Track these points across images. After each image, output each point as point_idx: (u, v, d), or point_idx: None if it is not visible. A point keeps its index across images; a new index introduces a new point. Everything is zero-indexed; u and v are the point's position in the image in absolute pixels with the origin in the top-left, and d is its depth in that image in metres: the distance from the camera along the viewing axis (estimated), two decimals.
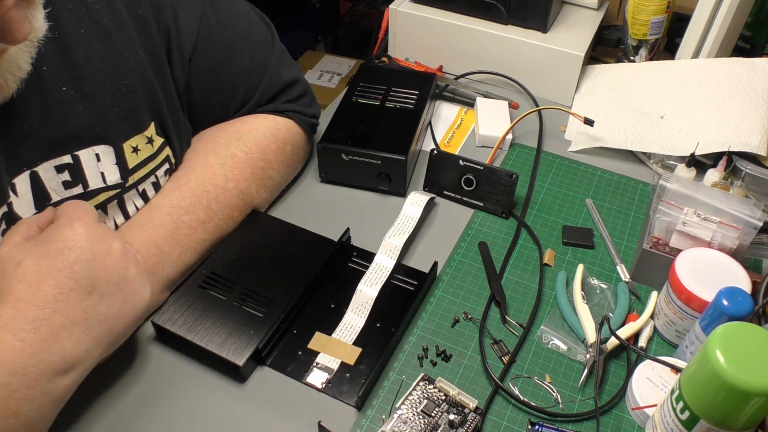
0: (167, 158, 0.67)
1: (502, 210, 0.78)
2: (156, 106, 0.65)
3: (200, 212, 0.66)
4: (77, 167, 0.58)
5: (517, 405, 0.59)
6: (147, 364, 0.61)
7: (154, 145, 0.65)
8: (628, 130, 0.88)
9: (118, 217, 0.63)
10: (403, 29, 1.02)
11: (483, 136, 0.89)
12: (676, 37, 0.97)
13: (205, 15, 0.69)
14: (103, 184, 0.61)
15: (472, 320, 0.66)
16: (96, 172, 0.60)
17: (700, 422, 0.49)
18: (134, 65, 0.62)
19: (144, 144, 0.64)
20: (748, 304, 0.55)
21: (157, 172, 0.66)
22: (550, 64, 0.95)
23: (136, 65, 0.62)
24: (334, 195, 0.81)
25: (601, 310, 0.67)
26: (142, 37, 0.63)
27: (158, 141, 0.65)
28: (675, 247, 0.67)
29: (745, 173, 0.77)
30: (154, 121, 0.65)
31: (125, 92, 0.61)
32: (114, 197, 0.62)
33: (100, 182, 0.60)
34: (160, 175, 0.67)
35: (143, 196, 0.65)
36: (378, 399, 0.59)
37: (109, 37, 0.59)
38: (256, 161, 0.71)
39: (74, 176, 0.58)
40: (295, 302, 0.63)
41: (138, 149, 0.63)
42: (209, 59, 0.70)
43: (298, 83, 0.78)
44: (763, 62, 0.88)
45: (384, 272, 0.68)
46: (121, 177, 0.62)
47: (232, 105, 0.74)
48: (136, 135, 0.63)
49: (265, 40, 0.76)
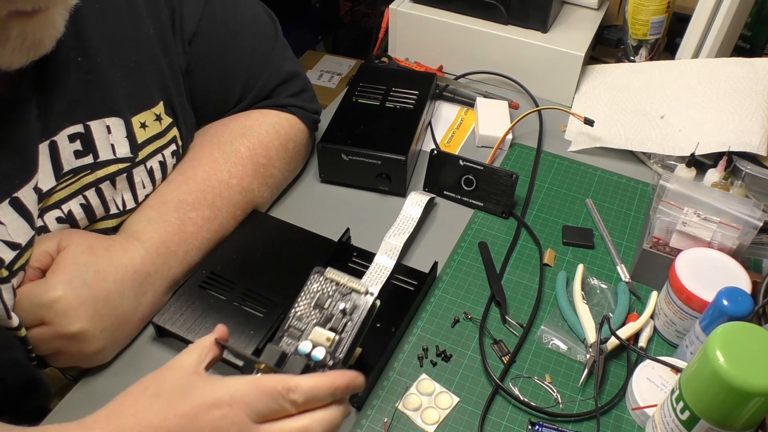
0: (174, 139, 0.68)
1: (502, 210, 0.78)
2: (164, 86, 0.66)
3: (205, 209, 0.66)
4: (88, 137, 0.58)
5: (517, 405, 0.59)
6: (147, 364, 0.61)
7: (162, 123, 0.65)
8: (628, 130, 0.88)
9: (126, 193, 0.63)
10: (403, 29, 1.02)
11: (483, 136, 0.89)
12: (676, 37, 0.96)
13: (210, 1, 0.70)
14: (113, 156, 0.61)
15: (472, 320, 0.66)
16: (107, 144, 0.60)
17: (700, 422, 0.49)
18: (144, 43, 0.63)
19: (152, 121, 0.64)
20: (748, 304, 0.55)
21: (165, 152, 0.66)
22: (550, 64, 0.95)
23: (146, 43, 0.63)
24: (334, 195, 0.81)
25: (601, 310, 0.67)
26: (152, 17, 0.64)
27: (166, 120, 0.66)
28: (675, 247, 0.67)
29: (745, 173, 0.77)
30: (163, 101, 0.65)
31: (134, 68, 0.62)
32: (123, 170, 0.62)
33: (110, 154, 0.60)
34: (167, 155, 0.67)
35: (150, 174, 0.65)
36: (378, 399, 0.59)
37: (121, 14, 0.61)
38: (259, 158, 0.71)
39: (85, 146, 0.58)
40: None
41: (146, 125, 0.63)
42: (210, 45, 0.70)
43: (298, 77, 0.78)
44: (763, 62, 0.88)
45: (384, 272, 0.68)
46: (130, 151, 0.62)
47: (232, 95, 0.74)
48: (144, 111, 0.63)
49: (269, 33, 0.76)
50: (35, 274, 0.55)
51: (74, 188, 0.58)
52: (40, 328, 0.54)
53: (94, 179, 0.59)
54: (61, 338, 0.54)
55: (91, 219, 0.61)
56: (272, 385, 0.45)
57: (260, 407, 0.44)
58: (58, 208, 0.57)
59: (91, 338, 0.55)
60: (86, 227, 0.61)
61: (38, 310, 0.53)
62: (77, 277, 0.54)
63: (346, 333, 0.53)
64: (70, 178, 0.58)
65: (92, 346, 0.56)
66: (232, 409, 0.44)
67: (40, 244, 0.55)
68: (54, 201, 0.57)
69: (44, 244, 0.55)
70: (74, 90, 0.57)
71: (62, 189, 0.57)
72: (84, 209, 0.59)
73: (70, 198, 0.58)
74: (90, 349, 0.56)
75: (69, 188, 0.58)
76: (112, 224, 0.63)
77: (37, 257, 0.54)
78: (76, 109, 0.57)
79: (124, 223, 0.64)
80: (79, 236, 0.57)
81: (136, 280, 0.59)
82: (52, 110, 0.55)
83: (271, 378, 0.45)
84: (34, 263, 0.54)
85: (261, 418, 0.44)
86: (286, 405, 0.45)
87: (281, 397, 0.44)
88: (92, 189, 0.60)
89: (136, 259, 0.59)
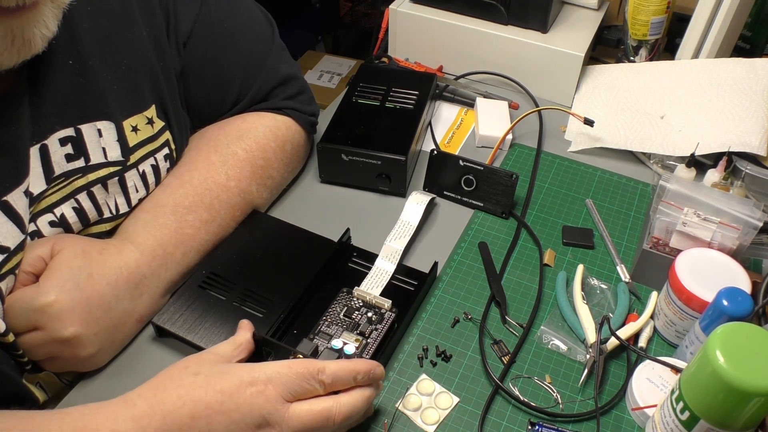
0: (167, 143, 0.67)
1: (502, 210, 0.78)
2: (157, 89, 0.65)
3: (203, 212, 0.66)
4: (79, 140, 0.58)
5: (517, 405, 0.59)
6: (147, 364, 0.61)
7: (154, 127, 0.65)
8: (628, 130, 0.88)
9: (118, 197, 0.63)
10: (403, 29, 1.02)
11: (483, 136, 0.89)
12: (676, 37, 0.96)
13: (206, 3, 0.70)
14: (104, 160, 0.60)
15: (472, 320, 0.66)
16: (98, 147, 0.60)
17: (700, 422, 0.49)
18: (137, 46, 0.62)
19: (144, 124, 0.64)
20: (748, 305, 0.55)
21: (157, 155, 0.66)
22: (550, 65, 0.95)
23: (139, 46, 0.63)
24: (334, 195, 0.81)
25: (601, 310, 0.67)
26: (146, 19, 0.64)
27: (159, 124, 0.66)
28: (675, 248, 0.67)
29: (745, 173, 0.77)
30: (155, 104, 0.65)
31: (126, 71, 0.61)
32: (115, 174, 0.62)
33: (102, 157, 0.60)
34: (159, 158, 0.66)
35: (143, 178, 0.65)
36: (378, 399, 0.59)
37: (114, 16, 0.61)
38: (257, 159, 0.71)
39: (76, 149, 0.58)
40: (295, 302, 0.63)
41: (137, 129, 0.63)
42: (206, 47, 0.70)
43: (295, 80, 0.78)
44: (763, 62, 0.88)
45: (384, 276, 0.68)
46: (122, 154, 0.62)
47: (228, 98, 0.74)
48: (136, 114, 0.63)
49: (266, 35, 0.76)
50: (29, 279, 0.54)
51: (66, 192, 0.58)
52: (34, 333, 0.53)
53: (85, 183, 0.59)
54: (55, 343, 0.54)
55: (85, 223, 0.60)
56: (304, 366, 0.50)
57: (293, 386, 0.49)
58: (51, 212, 0.57)
59: (85, 342, 0.55)
60: (80, 231, 0.61)
61: (31, 315, 0.52)
62: (70, 280, 0.54)
63: (372, 339, 0.61)
64: (61, 182, 0.57)
65: (87, 350, 0.55)
66: (267, 387, 0.49)
67: (33, 249, 0.54)
68: (46, 205, 0.57)
69: (37, 249, 0.54)
70: (65, 93, 0.56)
71: (54, 193, 0.57)
72: (77, 213, 0.59)
73: (62, 202, 0.58)
74: (84, 353, 0.55)
75: (60, 192, 0.57)
76: (106, 228, 0.63)
77: (31, 262, 0.54)
78: (67, 112, 0.57)
79: (119, 227, 0.63)
80: (73, 240, 0.57)
81: (131, 282, 0.58)
82: (43, 113, 0.55)
83: (302, 361, 0.51)
84: (28, 268, 0.54)
85: (293, 396, 0.50)
86: (315, 385, 0.50)
87: (312, 377, 0.50)
88: (84, 193, 0.59)
89: (131, 262, 0.59)
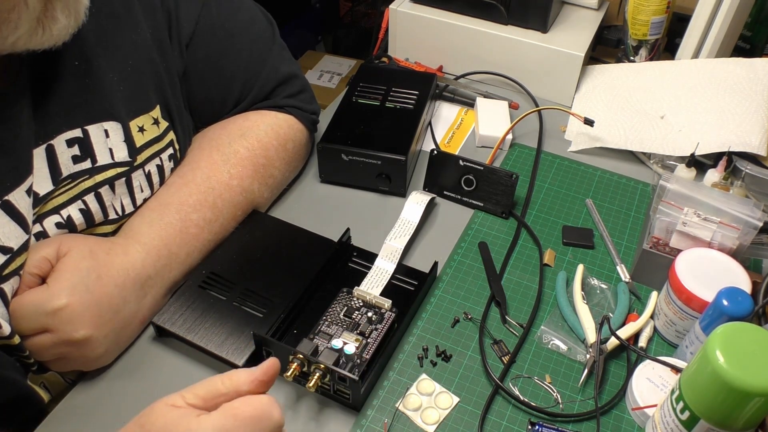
0: (171, 143, 0.68)
1: (502, 210, 0.78)
2: (161, 89, 0.66)
3: (207, 210, 0.66)
4: (86, 141, 0.58)
5: (517, 405, 0.59)
6: (147, 364, 0.61)
7: (159, 127, 0.65)
8: (628, 130, 0.88)
9: (124, 197, 0.63)
10: (403, 29, 1.02)
11: (483, 136, 0.89)
12: (676, 37, 0.96)
13: (207, 4, 0.70)
14: (111, 161, 0.60)
15: (472, 320, 0.66)
16: (105, 148, 0.60)
17: (700, 422, 0.49)
18: (141, 47, 0.63)
19: (150, 125, 0.64)
20: (748, 305, 0.55)
21: (162, 155, 0.66)
22: (550, 64, 0.95)
23: (142, 47, 0.63)
24: (334, 195, 0.81)
25: (601, 310, 0.67)
26: (149, 20, 0.64)
27: (164, 124, 0.66)
28: (675, 247, 0.67)
29: (745, 173, 0.77)
30: (160, 104, 0.66)
31: (131, 72, 0.62)
32: (122, 174, 0.62)
33: (109, 158, 0.60)
34: (164, 158, 0.67)
35: (148, 178, 0.65)
36: (378, 399, 0.59)
37: (118, 17, 0.61)
38: (258, 158, 0.71)
39: (83, 151, 0.58)
40: (295, 302, 0.63)
41: (144, 129, 0.63)
42: (208, 48, 0.71)
43: (296, 79, 0.78)
44: (763, 62, 0.88)
45: (384, 276, 0.68)
46: (129, 155, 0.62)
47: (230, 98, 0.74)
48: (142, 114, 0.63)
49: (266, 35, 0.76)
50: (34, 281, 0.54)
51: (73, 193, 0.58)
52: (43, 336, 0.53)
53: (93, 184, 0.59)
54: (65, 345, 0.54)
55: (90, 224, 0.60)
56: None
57: None
58: (57, 213, 0.57)
59: (95, 343, 0.55)
60: (84, 232, 0.60)
61: (42, 318, 0.52)
62: (80, 283, 0.54)
63: (371, 339, 0.61)
64: (68, 183, 0.57)
65: (96, 351, 0.56)
66: None
67: (38, 250, 0.54)
68: (53, 206, 0.56)
69: (43, 250, 0.54)
70: (72, 94, 0.57)
71: (61, 194, 0.57)
72: (83, 214, 0.59)
73: (69, 203, 0.58)
74: (93, 354, 0.56)
75: (68, 193, 0.57)
76: (110, 229, 0.63)
77: (36, 263, 0.54)
78: (73, 113, 0.57)
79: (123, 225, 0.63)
80: (79, 241, 0.57)
81: (137, 283, 0.59)
82: (48, 113, 0.55)
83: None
84: (33, 269, 0.53)
85: None
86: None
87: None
88: (91, 194, 0.59)
89: (137, 262, 0.59)
